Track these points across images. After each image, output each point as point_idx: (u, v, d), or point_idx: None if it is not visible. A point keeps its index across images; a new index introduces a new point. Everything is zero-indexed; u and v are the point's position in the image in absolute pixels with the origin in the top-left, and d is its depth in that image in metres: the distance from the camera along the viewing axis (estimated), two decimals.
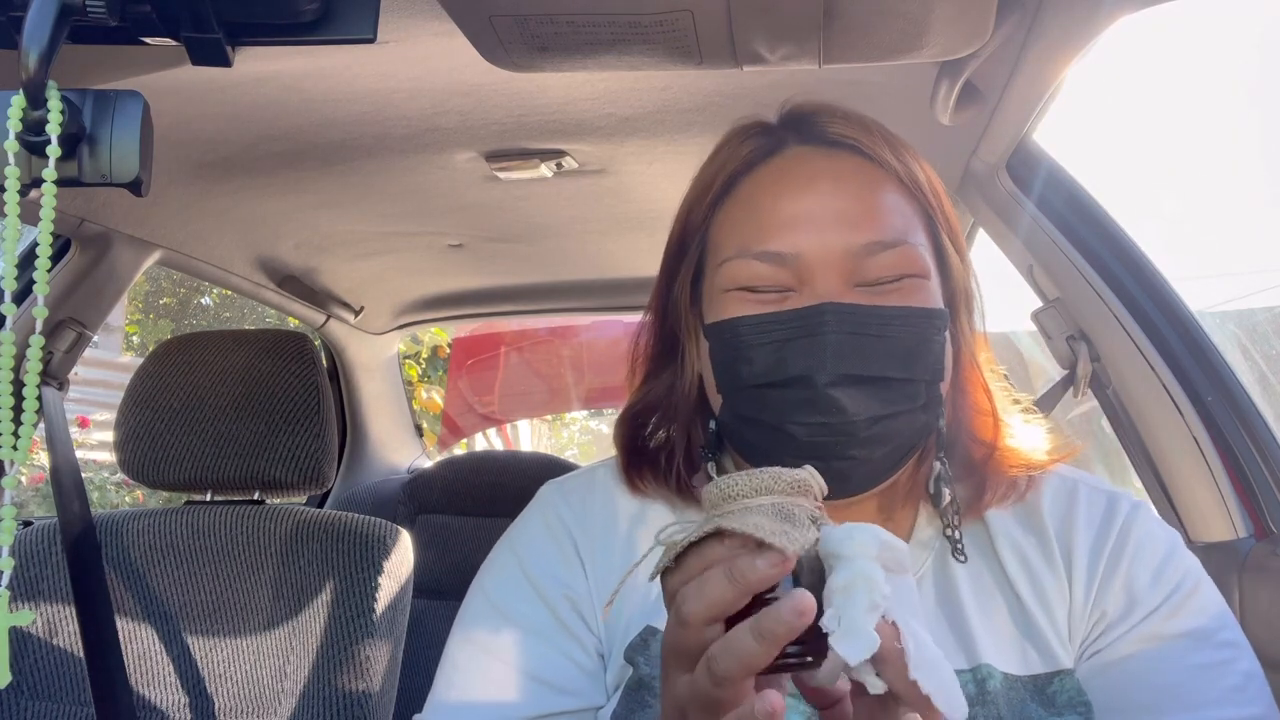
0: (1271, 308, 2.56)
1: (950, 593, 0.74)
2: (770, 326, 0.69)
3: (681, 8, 0.76)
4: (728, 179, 0.76)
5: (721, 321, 0.72)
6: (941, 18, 0.78)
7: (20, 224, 0.50)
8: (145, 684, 1.38)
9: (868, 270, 0.70)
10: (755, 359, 0.70)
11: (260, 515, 1.47)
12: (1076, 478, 0.79)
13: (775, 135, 0.77)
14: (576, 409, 7.31)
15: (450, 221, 1.81)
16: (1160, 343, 1.19)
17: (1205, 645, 0.70)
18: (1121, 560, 0.73)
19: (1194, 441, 1.18)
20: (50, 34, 0.49)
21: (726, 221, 0.76)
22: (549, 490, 0.85)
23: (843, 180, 0.72)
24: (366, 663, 1.36)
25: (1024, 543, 0.76)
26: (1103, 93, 25.77)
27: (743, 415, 0.72)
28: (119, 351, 9.42)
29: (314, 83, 1.17)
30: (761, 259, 0.71)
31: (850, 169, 0.73)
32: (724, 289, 0.73)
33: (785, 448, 0.69)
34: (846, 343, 0.67)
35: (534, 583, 0.78)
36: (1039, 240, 1.26)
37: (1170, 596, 0.72)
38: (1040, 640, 0.72)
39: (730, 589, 0.49)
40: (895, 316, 0.69)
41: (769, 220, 0.72)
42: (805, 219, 0.71)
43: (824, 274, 0.69)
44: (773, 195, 0.73)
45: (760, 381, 0.69)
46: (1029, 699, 0.69)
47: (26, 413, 0.51)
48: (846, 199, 0.71)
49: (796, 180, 0.73)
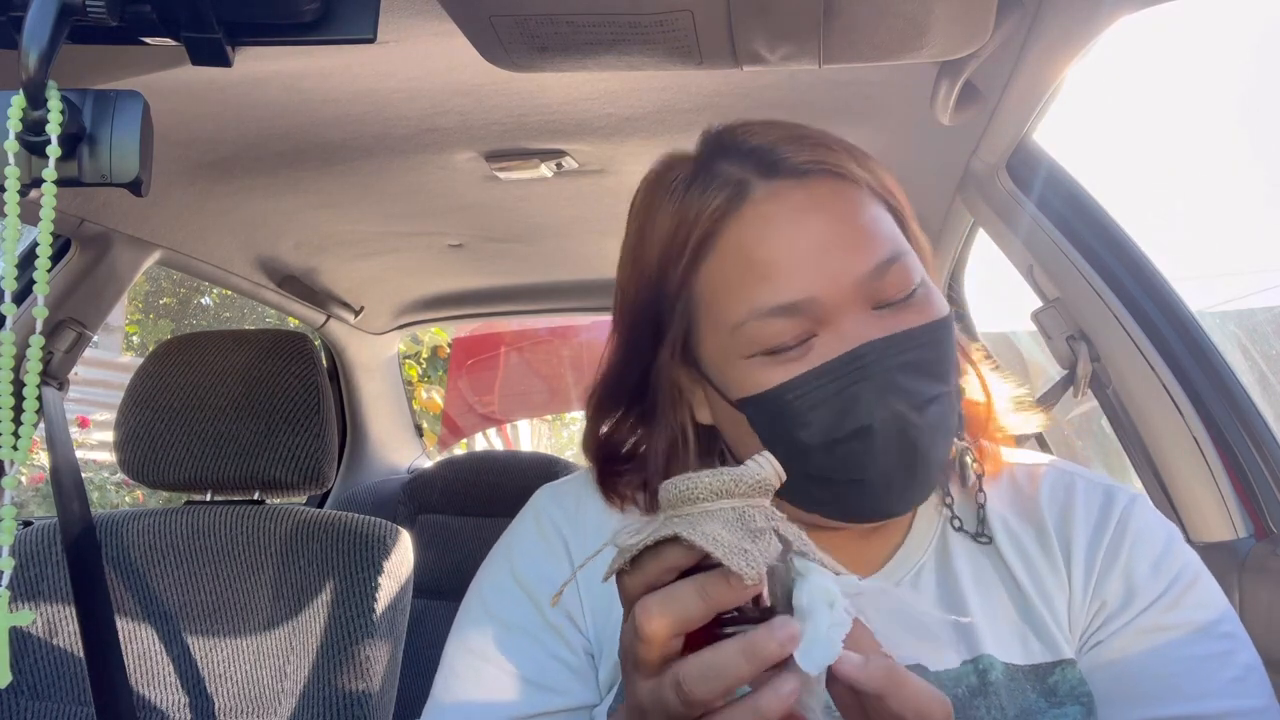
0: (1271, 308, 2.56)
1: (950, 583, 0.75)
2: (815, 386, 0.67)
3: (681, 8, 0.76)
4: (702, 237, 0.71)
5: (761, 395, 0.69)
6: (941, 18, 0.78)
7: (20, 224, 0.50)
8: (145, 684, 1.38)
9: (881, 293, 0.68)
10: (812, 422, 0.67)
11: (260, 515, 1.47)
12: (1074, 472, 0.79)
13: (734, 178, 0.71)
14: (576, 409, 7.31)
15: (450, 221, 1.81)
16: (1160, 343, 1.19)
17: (1205, 637, 0.70)
18: (1120, 552, 0.73)
19: (1194, 441, 1.18)
20: (50, 34, 0.49)
21: (716, 282, 0.71)
22: (542, 494, 0.86)
23: (826, 209, 0.69)
24: (366, 663, 1.36)
25: (1022, 535, 0.76)
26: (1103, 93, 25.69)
27: (809, 474, 0.69)
28: (119, 351, 9.42)
29: (314, 83, 1.17)
30: (777, 315, 0.67)
31: (828, 194, 0.70)
32: (743, 355, 0.69)
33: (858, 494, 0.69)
34: (898, 376, 0.66)
35: (524, 585, 0.79)
36: (1039, 240, 1.26)
37: (1169, 588, 0.72)
38: (1042, 629, 0.72)
39: (700, 606, 0.48)
40: (923, 336, 0.68)
41: (772, 272, 0.68)
42: (805, 261, 0.68)
43: (844, 311, 0.67)
44: (765, 245, 0.69)
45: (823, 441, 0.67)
46: (1030, 689, 0.70)
47: (26, 413, 0.50)
48: (838, 227, 0.69)
49: (781, 223, 0.69)
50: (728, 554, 0.47)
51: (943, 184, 1.42)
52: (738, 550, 0.47)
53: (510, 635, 0.77)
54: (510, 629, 0.77)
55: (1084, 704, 0.69)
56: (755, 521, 0.49)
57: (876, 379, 0.66)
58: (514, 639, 0.77)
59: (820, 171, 0.70)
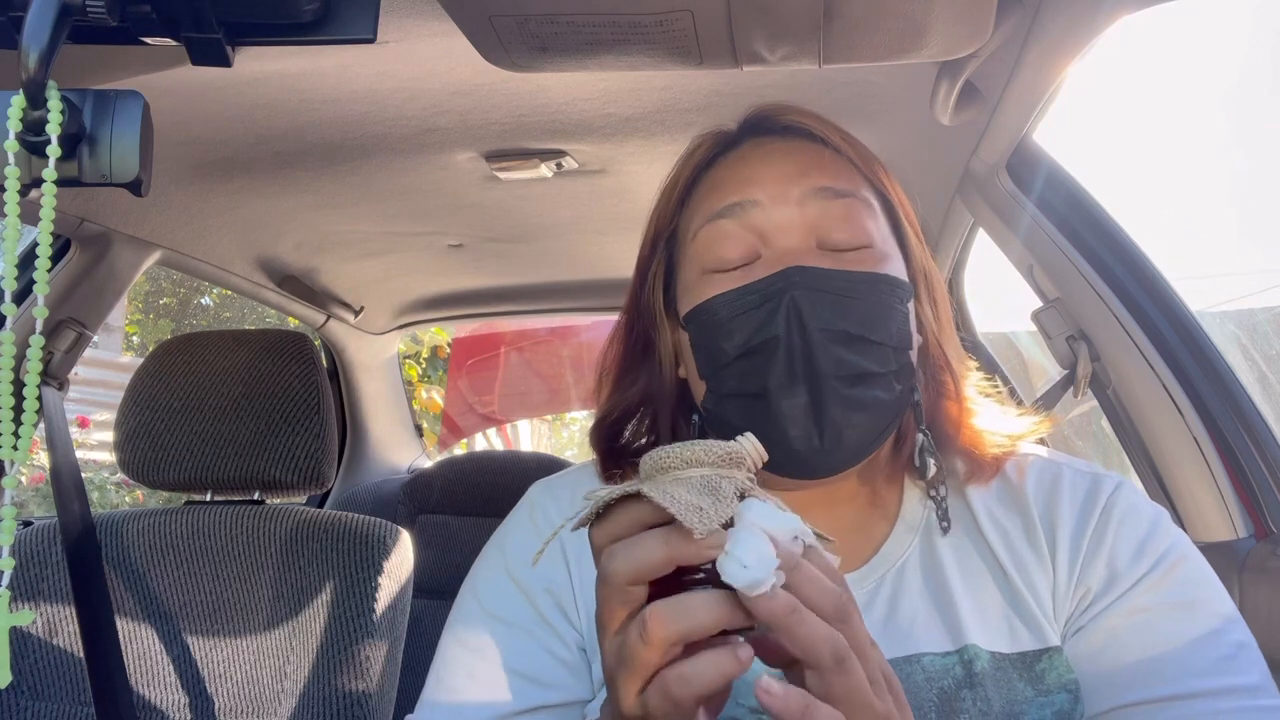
0: (1271, 308, 2.55)
1: (936, 573, 0.75)
2: (742, 297, 0.71)
3: (681, 8, 0.76)
4: (691, 174, 0.81)
5: (698, 306, 0.74)
6: (941, 18, 0.78)
7: (20, 224, 0.50)
8: (145, 684, 1.38)
9: (826, 228, 0.73)
10: (734, 331, 0.71)
11: (260, 515, 1.47)
12: (1062, 461, 0.79)
13: (733, 136, 0.82)
14: (576, 409, 7.31)
15: (450, 221, 1.81)
16: (1160, 343, 1.19)
17: (1191, 616, 0.69)
18: (1105, 537, 0.73)
19: (1194, 441, 1.18)
20: (50, 34, 0.49)
21: (693, 207, 0.80)
22: (536, 489, 0.87)
23: (795, 153, 0.77)
24: (366, 663, 1.36)
25: (1008, 524, 0.76)
26: (1103, 93, 25.77)
27: (725, 393, 0.73)
28: (119, 351, 9.42)
29: (314, 83, 1.17)
30: (724, 215, 0.74)
31: (802, 146, 0.78)
32: (699, 270, 0.76)
33: (768, 418, 0.69)
34: (815, 300, 0.69)
35: (517, 580, 0.79)
36: (1039, 240, 1.26)
37: (1153, 568, 0.71)
38: (1028, 616, 0.71)
39: (660, 553, 0.49)
40: (860, 280, 0.71)
41: (730, 185, 0.76)
42: (762, 178, 0.75)
43: (786, 233, 0.73)
44: (732, 170, 0.78)
45: (739, 352, 0.71)
46: (1017, 678, 0.69)
47: (26, 413, 0.51)
48: (799, 162, 0.76)
49: (753, 157, 0.78)
50: (682, 510, 0.49)
51: (943, 184, 1.42)
52: (693, 508, 0.49)
53: (504, 630, 0.77)
54: (504, 624, 0.78)
55: (1071, 691, 0.69)
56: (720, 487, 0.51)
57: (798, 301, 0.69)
58: (507, 634, 0.77)
59: (803, 132, 0.79)
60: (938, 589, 0.74)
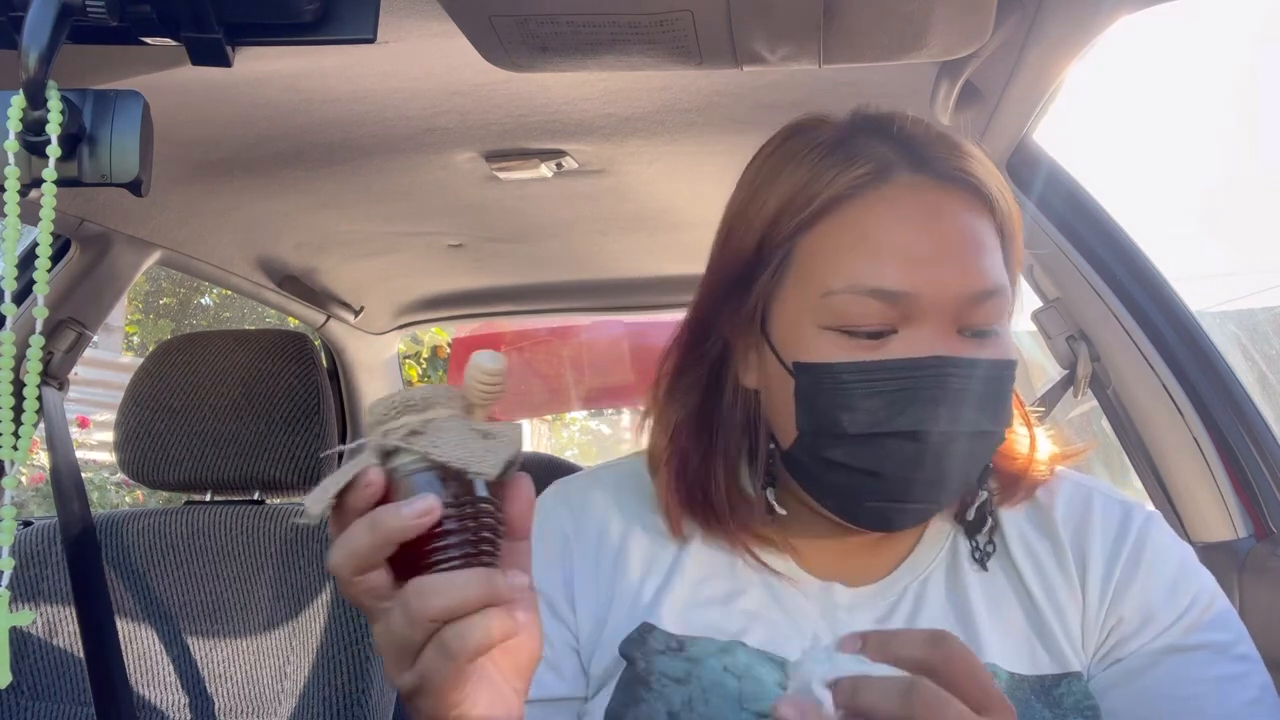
0: (1271, 308, 2.56)
1: (959, 591, 0.74)
2: (879, 376, 0.66)
3: (681, 8, 0.76)
4: (828, 201, 0.69)
5: (821, 364, 0.68)
6: (941, 18, 0.78)
7: (20, 224, 0.50)
8: (145, 684, 1.38)
9: (970, 318, 0.68)
10: (857, 409, 0.66)
11: (260, 515, 1.47)
12: (1091, 485, 0.79)
13: (882, 158, 0.70)
14: (576, 409, 7.31)
15: (450, 221, 1.81)
16: (1160, 343, 1.19)
17: (1223, 659, 0.70)
18: (1137, 570, 0.73)
19: (1194, 441, 1.18)
20: (50, 34, 0.49)
21: (827, 248, 0.69)
22: (548, 495, 0.86)
23: (958, 219, 0.69)
24: (366, 663, 1.36)
25: (1038, 547, 0.76)
26: (1103, 93, 25.79)
27: (829, 460, 0.69)
28: (119, 351, 9.42)
29: (314, 83, 1.17)
30: (875, 296, 0.66)
31: (963, 206, 0.70)
32: (821, 325, 0.68)
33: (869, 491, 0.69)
34: (954, 399, 0.66)
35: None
36: (1039, 240, 1.26)
37: (1188, 610, 0.72)
38: (1051, 641, 0.72)
39: (368, 538, 0.49)
40: (994, 372, 0.68)
41: (886, 255, 0.67)
42: (923, 258, 0.67)
43: (934, 318, 0.67)
44: (888, 229, 0.68)
45: (860, 431, 0.67)
46: (1035, 700, 0.69)
47: (26, 413, 0.51)
48: (961, 240, 0.68)
49: (913, 216, 0.68)
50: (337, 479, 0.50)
51: None
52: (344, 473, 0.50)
53: None
54: None
55: (1088, 717, 0.69)
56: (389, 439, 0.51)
57: (943, 392, 0.66)
58: None
59: (964, 182, 0.70)
60: (960, 605, 0.74)
